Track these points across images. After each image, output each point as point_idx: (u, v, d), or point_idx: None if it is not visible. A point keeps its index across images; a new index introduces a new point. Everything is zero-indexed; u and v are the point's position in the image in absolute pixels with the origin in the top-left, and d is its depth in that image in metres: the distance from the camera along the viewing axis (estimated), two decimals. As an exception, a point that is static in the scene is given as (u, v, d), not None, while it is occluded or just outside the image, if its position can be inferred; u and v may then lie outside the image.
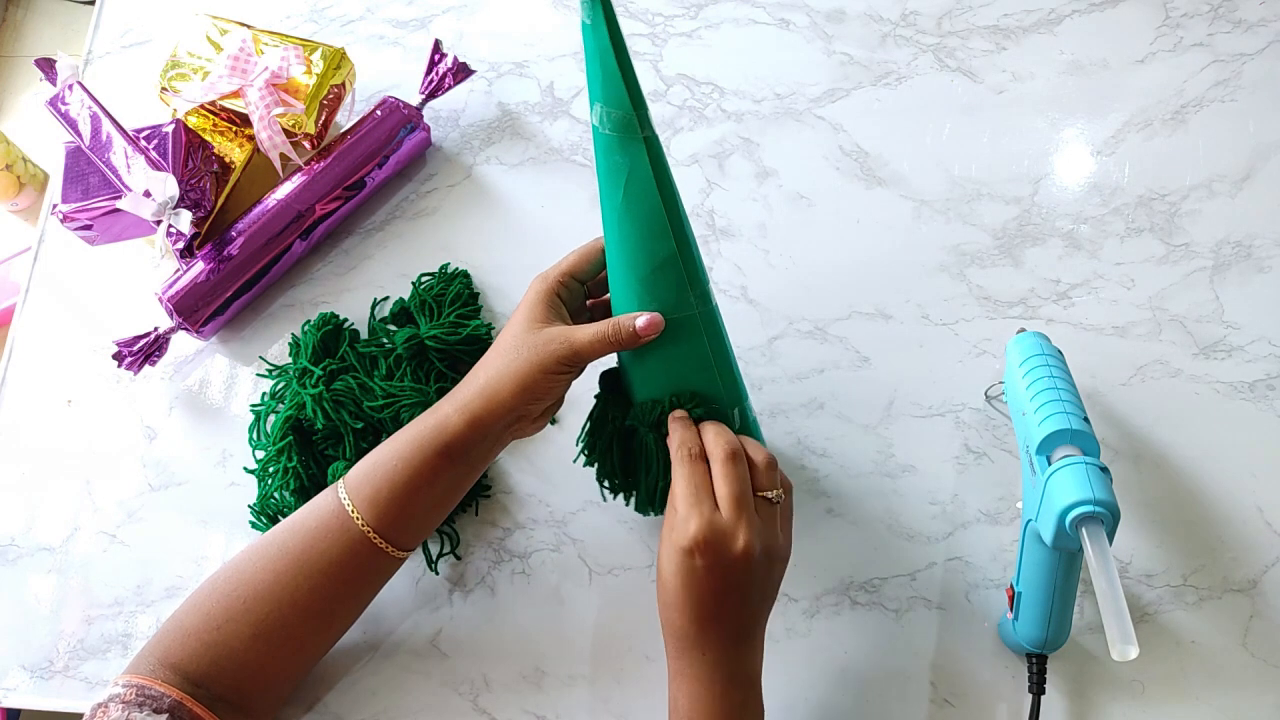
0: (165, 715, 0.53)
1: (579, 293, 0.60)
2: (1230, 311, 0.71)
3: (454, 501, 0.61)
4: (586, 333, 0.55)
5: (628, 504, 0.64)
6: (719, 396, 0.57)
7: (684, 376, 0.57)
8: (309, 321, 0.75)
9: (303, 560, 0.57)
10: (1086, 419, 0.56)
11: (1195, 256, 0.73)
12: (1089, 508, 0.50)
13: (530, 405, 0.56)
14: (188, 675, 0.56)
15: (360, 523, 0.57)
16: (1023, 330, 0.64)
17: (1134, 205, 0.75)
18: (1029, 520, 0.56)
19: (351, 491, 0.58)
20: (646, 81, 0.83)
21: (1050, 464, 0.54)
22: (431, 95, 0.80)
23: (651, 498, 0.61)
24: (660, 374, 0.57)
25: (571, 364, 0.55)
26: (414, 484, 0.57)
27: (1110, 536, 0.51)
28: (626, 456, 0.61)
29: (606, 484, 0.64)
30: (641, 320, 0.54)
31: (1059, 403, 0.56)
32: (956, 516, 0.67)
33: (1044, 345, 0.61)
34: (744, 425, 0.59)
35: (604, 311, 0.60)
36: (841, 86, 0.81)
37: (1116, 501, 0.51)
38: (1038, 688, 0.60)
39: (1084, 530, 0.50)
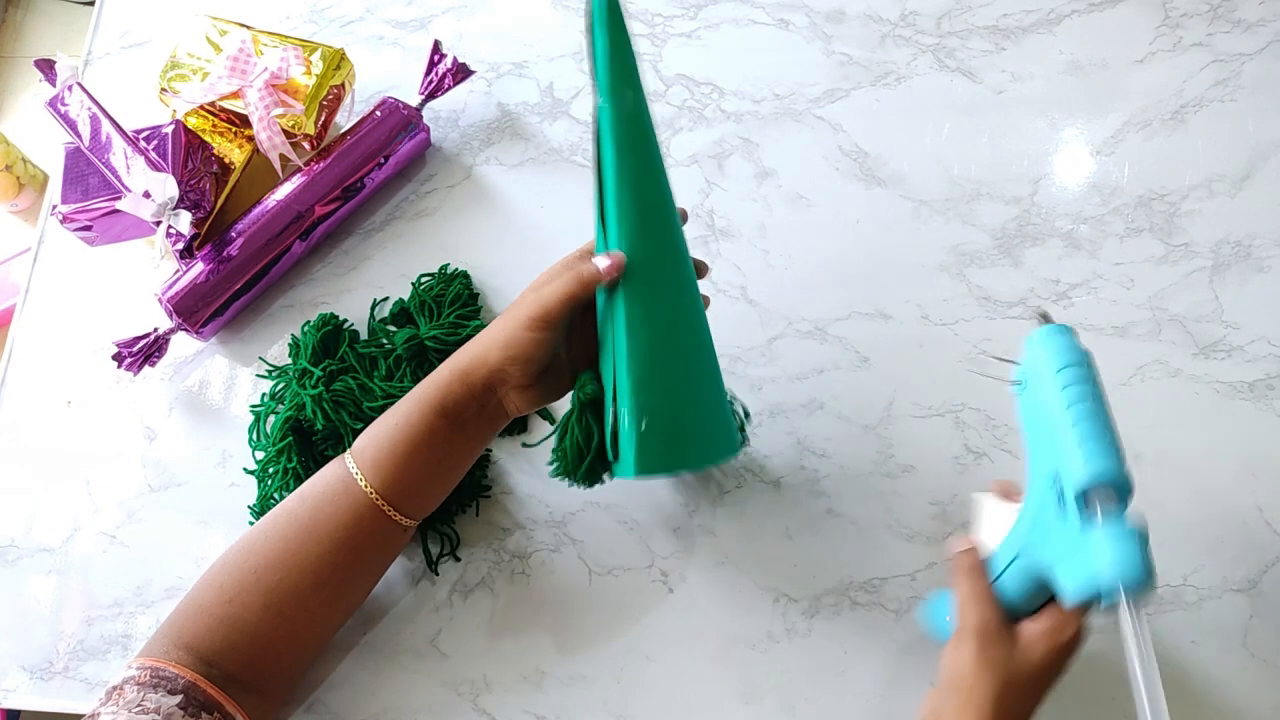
0: (179, 696, 0.53)
1: None
2: (1230, 311, 0.71)
3: (454, 471, 0.62)
4: (553, 283, 0.56)
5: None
6: (608, 387, 0.58)
7: (602, 354, 0.59)
8: (309, 322, 0.75)
9: (311, 527, 0.58)
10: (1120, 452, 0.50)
11: (1195, 256, 0.73)
12: (1141, 587, 0.45)
13: (510, 366, 0.57)
14: (201, 655, 0.56)
15: (365, 486, 0.58)
16: (1046, 319, 0.54)
17: (1134, 205, 0.75)
18: (1036, 556, 0.51)
19: (356, 455, 0.59)
20: (646, 81, 0.83)
21: (1088, 509, 0.48)
22: (431, 96, 0.81)
23: (569, 464, 0.61)
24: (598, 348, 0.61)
25: (540, 317, 0.56)
26: (414, 444, 0.58)
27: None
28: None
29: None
30: (604, 259, 0.56)
31: (1108, 438, 0.48)
32: (956, 516, 0.67)
33: (1081, 353, 0.52)
34: (616, 416, 0.58)
35: None
36: (841, 86, 0.81)
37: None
38: None
39: (1129, 607, 0.45)
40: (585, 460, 0.60)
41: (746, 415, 0.68)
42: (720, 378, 0.61)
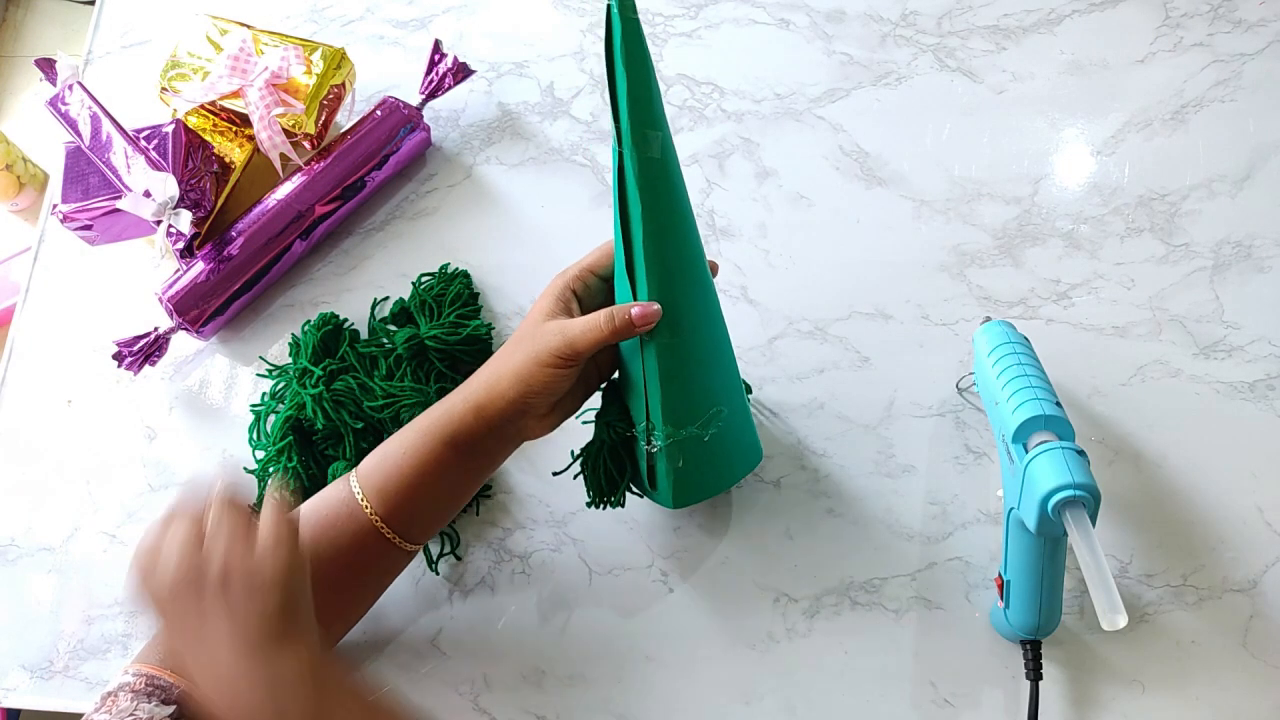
0: (174, 706, 0.53)
1: (599, 289, 0.59)
2: (1230, 311, 0.71)
3: (463, 497, 0.61)
4: (580, 323, 0.55)
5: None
6: (639, 422, 0.58)
7: (628, 390, 0.59)
8: (309, 321, 0.75)
9: (312, 549, 0.58)
10: (1059, 403, 0.56)
11: (1195, 256, 0.73)
12: (1070, 492, 0.51)
13: (530, 399, 0.56)
14: None
15: (370, 512, 0.57)
16: (989, 319, 0.64)
17: (1134, 205, 0.75)
18: (1011, 509, 0.57)
19: (362, 481, 0.58)
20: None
21: (1027, 451, 0.54)
22: (431, 95, 0.81)
23: (603, 492, 0.63)
24: (622, 380, 0.60)
25: (566, 356, 0.55)
26: (421, 475, 0.57)
27: (1093, 518, 0.52)
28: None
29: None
30: (637, 309, 0.53)
31: (1030, 389, 0.56)
32: (956, 516, 0.67)
33: (1010, 333, 0.61)
34: (651, 457, 0.59)
35: None
36: (841, 86, 0.81)
37: (1095, 483, 0.51)
38: (1034, 674, 0.60)
39: (1067, 514, 0.51)
40: (620, 489, 0.62)
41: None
42: (744, 393, 0.61)
